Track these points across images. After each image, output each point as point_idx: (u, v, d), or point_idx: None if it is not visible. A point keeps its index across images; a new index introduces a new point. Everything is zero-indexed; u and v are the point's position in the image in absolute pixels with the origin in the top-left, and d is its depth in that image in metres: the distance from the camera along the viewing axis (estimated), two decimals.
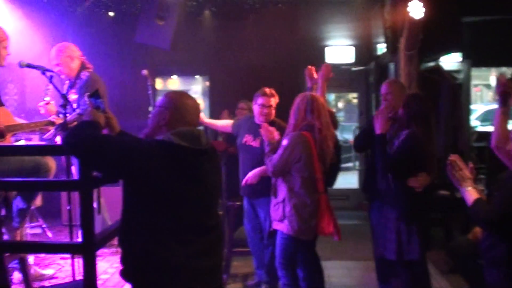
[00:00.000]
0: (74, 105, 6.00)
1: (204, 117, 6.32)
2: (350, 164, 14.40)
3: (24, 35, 8.27)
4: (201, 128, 3.35)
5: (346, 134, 13.81)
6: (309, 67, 5.72)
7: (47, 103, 6.02)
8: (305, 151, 4.96)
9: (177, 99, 3.32)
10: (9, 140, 5.35)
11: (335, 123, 5.64)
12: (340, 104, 17.30)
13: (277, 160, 5.02)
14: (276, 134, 5.27)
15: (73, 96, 6.21)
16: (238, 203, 6.45)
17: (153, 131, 3.30)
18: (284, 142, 5.03)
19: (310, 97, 5.12)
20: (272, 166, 5.07)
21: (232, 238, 6.71)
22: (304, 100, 5.10)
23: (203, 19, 10.94)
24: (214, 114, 10.53)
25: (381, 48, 10.53)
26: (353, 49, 11.25)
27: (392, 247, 4.95)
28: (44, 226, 8.06)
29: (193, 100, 3.39)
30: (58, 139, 5.79)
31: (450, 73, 9.45)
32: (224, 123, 6.49)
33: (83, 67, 6.39)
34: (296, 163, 4.97)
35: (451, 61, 10.28)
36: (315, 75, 5.68)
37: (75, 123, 5.22)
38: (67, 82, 6.48)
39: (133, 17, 9.66)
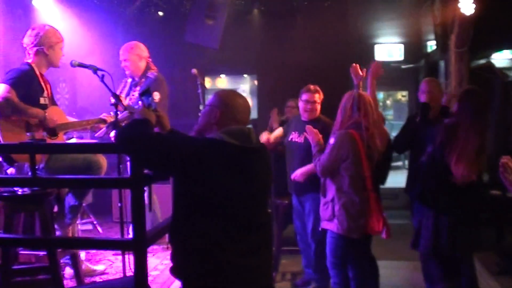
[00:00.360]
0: (140, 103, 6.13)
1: (271, 137, 6.29)
2: (399, 163, 14.28)
3: (74, 35, 8.39)
4: (250, 126, 3.35)
5: (395, 133, 13.66)
6: (354, 64, 5.69)
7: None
8: (352, 150, 4.93)
9: (227, 98, 3.33)
10: (62, 138, 5.45)
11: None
12: (389, 102, 17.17)
13: (325, 159, 5.01)
14: (320, 135, 5.30)
15: (137, 94, 6.34)
16: (286, 201, 6.46)
17: (203, 129, 3.32)
18: (331, 140, 5.03)
19: (357, 95, 5.08)
20: (320, 166, 5.07)
21: (281, 236, 6.72)
22: (351, 98, 5.07)
23: (251, 17, 10.97)
24: (262, 113, 10.55)
25: (431, 45, 10.43)
26: (402, 46, 11.15)
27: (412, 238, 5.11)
28: (95, 222, 8.18)
29: (243, 98, 3.40)
30: (113, 134, 5.89)
31: (501, 70, 9.32)
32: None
33: (148, 68, 6.56)
34: (344, 162, 4.95)
35: (502, 58, 10.14)
36: (360, 73, 5.64)
37: (126, 121, 5.31)
38: (129, 80, 6.62)
39: (182, 17, 9.73)
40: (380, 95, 16.16)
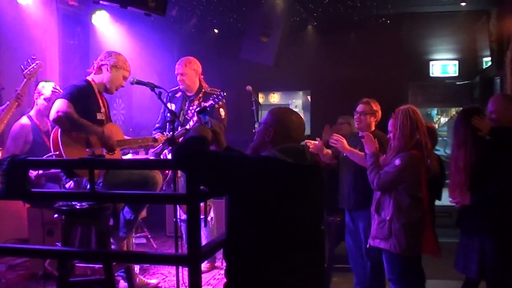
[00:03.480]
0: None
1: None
2: None
3: (130, 52, 8.53)
4: (304, 143, 3.37)
5: (449, 150, 13.47)
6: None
7: None
8: (417, 172, 4.92)
9: (282, 116, 3.36)
10: (119, 154, 5.55)
11: (434, 139, 5.60)
12: (443, 119, 16.94)
13: (387, 178, 4.95)
14: (377, 145, 5.27)
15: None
16: (339, 219, 6.43)
17: (258, 147, 3.36)
18: (396, 162, 4.95)
19: (412, 112, 5.04)
20: (380, 182, 4.99)
21: (333, 254, 6.69)
22: (407, 116, 4.98)
23: (305, 34, 11.00)
24: (314, 128, 10.54)
25: (487, 61, 10.29)
26: (457, 63, 11.02)
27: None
28: (149, 236, 8.26)
29: (297, 116, 3.42)
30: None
31: None
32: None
33: (201, 86, 6.64)
34: (405, 183, 4.93)
35: None
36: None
37: (182, 138, 5.39)
38: (178, 94, 6.72)
39: (238, 34, 9.81)
40: (434, 112, 15.99)
